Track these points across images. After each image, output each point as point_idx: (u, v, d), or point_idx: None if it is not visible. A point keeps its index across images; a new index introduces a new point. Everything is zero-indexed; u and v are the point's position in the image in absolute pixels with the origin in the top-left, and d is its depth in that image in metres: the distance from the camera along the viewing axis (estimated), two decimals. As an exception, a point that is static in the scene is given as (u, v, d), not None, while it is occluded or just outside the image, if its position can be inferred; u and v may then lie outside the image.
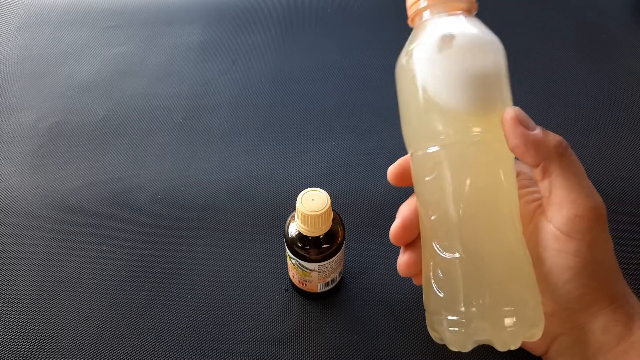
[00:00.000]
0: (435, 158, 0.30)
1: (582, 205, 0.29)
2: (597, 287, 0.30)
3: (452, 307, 0.30)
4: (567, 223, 0.29)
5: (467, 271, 0.30)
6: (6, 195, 0.51)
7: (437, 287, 0.31)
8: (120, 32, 0.70)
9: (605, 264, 0.30)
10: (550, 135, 0.30)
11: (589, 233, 0.29)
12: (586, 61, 0.65)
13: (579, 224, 0.29)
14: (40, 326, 0.42)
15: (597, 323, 0.31)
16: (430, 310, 0.32)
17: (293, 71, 0.65)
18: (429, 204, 0.31)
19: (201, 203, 0.50)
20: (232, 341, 0.41)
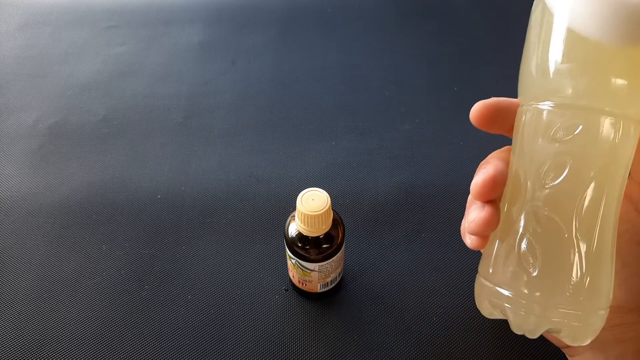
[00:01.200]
0: (569, 119, 0.26)
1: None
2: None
3: (522, 285, 0.27)
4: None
5: (560, 254, 0.26)
6: (6, 195, 0.51)
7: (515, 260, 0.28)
8: (120, 32, 0.70)
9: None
10: None
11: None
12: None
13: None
14: (40, 326, 0.42)
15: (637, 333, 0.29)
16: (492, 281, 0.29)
17: (293, 71, 0.65)
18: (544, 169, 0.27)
19: (201, 203, 0.50)
20: (232, 341, 0.41)
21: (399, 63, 0.65)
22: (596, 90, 0.25)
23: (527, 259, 0.27)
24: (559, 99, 0.26)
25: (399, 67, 0.64)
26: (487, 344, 0.40)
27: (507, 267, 0.28)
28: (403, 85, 0.62)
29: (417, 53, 0.66)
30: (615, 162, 0.26)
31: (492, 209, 0.29)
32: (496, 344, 0.38)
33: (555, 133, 0.26)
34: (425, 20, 0.70)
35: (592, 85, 0.25)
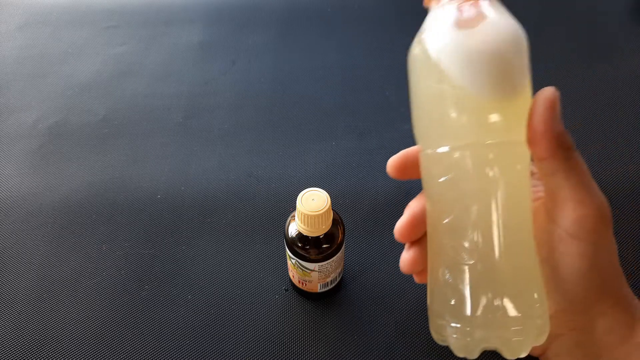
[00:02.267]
0: (451, 159, 0.28)
1: (588, 205, 0.28)
2: (601, 289, 0.30)
3: (458, 313, 0.29)
4: (574, 224, 0.28)
5: (478, 278, 0.29)
6: (6, 195, 0.51)
7: (444, 291, 0.30)
8: (120, 32, 0.70)
9: (610, 265, 0.30)
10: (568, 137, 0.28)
11: (595, 233, 0.28)
12: (586, 61, 0.65)
13: (585, 224, 0.28)
14: (40, 326, 0.42)
15: (600, 324, 0.30)
16: (434, 313, 0.31)
17: (293, 71, 0.65)
18: (443, 206, 0.30)
19: (201, 203, 0.50)
20: (232, 341, 0.41)
21: (399, 63, 0.64)
22: (474, 130, 0.27)
23: (452, 289, 0.29)
24: (445, 143, 0.28)
25: (399, 67, 0.64)
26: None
27: (442, 299, 0.30)
28: (403, 85, 0.62)
29: (417, 53, 0.66)
30: (507, 182, 0.28)
31: (415, 250, 0.33)
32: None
33: (445, 172, 0.29)
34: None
35: (470, 126, 0.27)
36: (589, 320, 0.30)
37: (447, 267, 0.30)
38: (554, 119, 0.28)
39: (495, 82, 0.27)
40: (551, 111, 0.28)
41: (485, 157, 0.28)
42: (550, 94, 0.28)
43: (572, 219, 0.28)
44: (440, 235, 0.30)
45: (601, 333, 0.30)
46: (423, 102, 0.30)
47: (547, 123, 0.28)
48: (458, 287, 0.29)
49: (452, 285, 0.29)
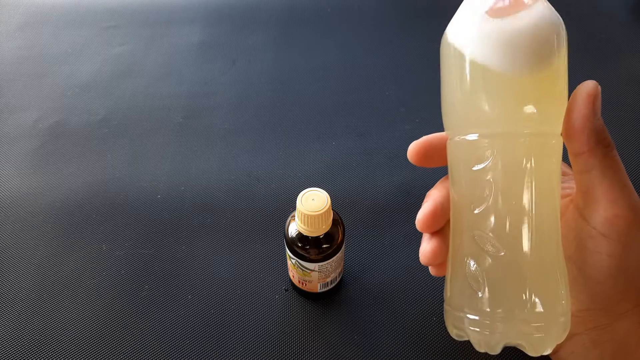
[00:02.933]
0: (486, 147, 0.27)
1: (622, 205, 0.27)
2: (626, 289, 0.29)
3: (480, 306, 0.28)
4: (605, 223, 0.27)
5: (505, 270, 0.28)
6: (6, 195, 0.51)
7: (467, 282, 0.29)
8: (120, 32, 0.70)
9: (638, 266, 0.29)
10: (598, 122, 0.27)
11: (626, 234, 0.27)
12: (586, 61, 0.65)
13: (618, 224, 0.27)
14: (40, 326, 0.42)
15: (621, 324, 0.30)
16: (453, 306, 0.30)
17: (293, 71, 0.65)
18: (473, 196, 0.28)
19: (201, 203, 0.50)
20: (232, 341, 0.41)
21: (399, 63, 0.65)
22: (510, 117, 0.27)
23: (477, 281, 0.28)
24: (480, 130, 0.27)
25: (399, 67, 0.64)
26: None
27: (463, 291, 0.29)
28: (403, 85, 0.62)
29: (417, 53, 0.66)
30: (541, 175, 0.28)
31: (437, 241, 0.32)
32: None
33: (479, 161, 0.28)
34: (425, 20, 0.70)
35: (506, 113, 0.27)
36: (610, 319, 0.30)
37: (473, 258, 0.29)
38: (594, 114, 0.27)
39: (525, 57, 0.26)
40: (592, 105, 0.27)
41: (519, 147, 0.27)
42: (591, 88, 0.27)
43: (604, 217, 0.28)
44: (468, 225, 0.29)
45: (621, 334, 0.30)
46: (453, 88, 0.29)
47: (588, 118, 0.27)
48: (483, 279, 0.28)
49: (476, 276, 0.29)
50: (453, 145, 0.30)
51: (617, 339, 0.30)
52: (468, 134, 0.28)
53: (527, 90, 0.27)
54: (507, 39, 0.26)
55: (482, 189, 0.28)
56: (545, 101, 0.27)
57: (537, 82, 0.27)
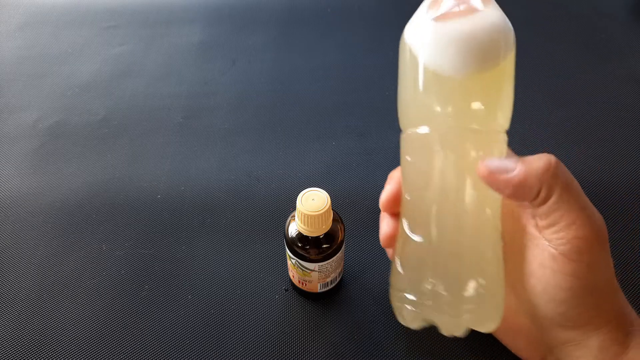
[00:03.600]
0: (422, 139, 0.30)
1: (581, 227, 0.28)
2: (594, 307, 0.30)
3: (412, 287, 0.31)
4: (566, 244, 0.28)
5: (430, 256, 0.30)
6: (6, 195, 0.51)
7: (400, 265, 0.32)
8: (120, 32, 0.70)
9: (604, 285, 0.30)
10: (534, 163, 0.28)
11: (589, 254, 0.28)
12: (586, 61, 0.65)
13: (579, 246, 0.28)
14: (40, 326, 0.42)
15: (594, 341, 0.30)
16: (392, 285, 0.33)
17: (293, 71, 0.65)
18: (406, 183, 0.32)
19: (201, 203, 0.50)
20: (232, 341, 0.41)
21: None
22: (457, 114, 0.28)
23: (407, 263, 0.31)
24: (431, 125, 0.29)
25: (399, 67, 0.64)
26: (488, 343, 0.40)
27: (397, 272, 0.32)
28: (403, 85, 0.62)
29: (417, 53, 0.66)
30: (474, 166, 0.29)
31: (392, 223, 0.34)
32: (496, 344, 0.38)
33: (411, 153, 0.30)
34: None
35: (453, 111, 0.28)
36: (583, 336, 0.30)
37: (405, 242, 0.31)
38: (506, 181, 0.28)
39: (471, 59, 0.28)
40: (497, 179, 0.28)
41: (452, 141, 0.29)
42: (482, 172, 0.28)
43: (565, 240, 0.28)
44: (403, 211, 0.32)
45: (594, 350, 0.30)
46: (407, 85, 0.31)
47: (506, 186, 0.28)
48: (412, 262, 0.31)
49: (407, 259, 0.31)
50: (402, 138, 0.32)
51: (592, 355, 0.30)
52: (413, 127, 0.30)
53: (474, 90, 0.28)
54: (454, 42, 0.28)
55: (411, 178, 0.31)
56: (491, 100, 0.29)
57: (482, 83, 0.28)
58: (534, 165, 0.28)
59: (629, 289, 0.44)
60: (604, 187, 0.51)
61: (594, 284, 0.29)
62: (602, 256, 0.29)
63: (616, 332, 0.30)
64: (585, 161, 0.53)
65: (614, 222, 0.48)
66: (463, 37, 0.27)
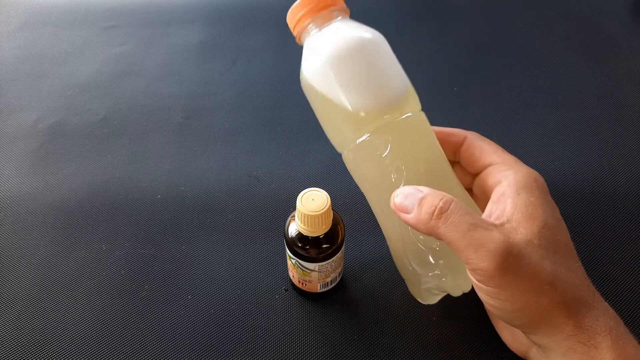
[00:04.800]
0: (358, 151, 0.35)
1: (474, 261, 0.29)
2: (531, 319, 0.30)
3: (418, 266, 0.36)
4: (473, 274, 0.30)
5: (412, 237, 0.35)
6: (6, 195, 0.51)
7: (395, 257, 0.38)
8: (120, 32, 0.70)
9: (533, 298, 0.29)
10: (424, 208, 0.31)
11: (492, 281, 0.29)
12: (586, 61, 0.65)
13: (481, 277, 0.29)
14: (40, 326, 0.42)
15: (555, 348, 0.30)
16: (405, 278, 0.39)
17: (293, 71, 0.64)
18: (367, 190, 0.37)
19: (201, 203, 0.50)
20: (232, 341, 0.41)
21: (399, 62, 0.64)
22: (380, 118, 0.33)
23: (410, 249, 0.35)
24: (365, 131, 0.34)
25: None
26: (487, 344, 0.40)
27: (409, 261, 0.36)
28: (403, 85, 0.62)
29: (417, 53, 0.66)
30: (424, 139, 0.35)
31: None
32: (497, 344, 0.38)
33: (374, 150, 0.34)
34: (425, 20, 0.70)
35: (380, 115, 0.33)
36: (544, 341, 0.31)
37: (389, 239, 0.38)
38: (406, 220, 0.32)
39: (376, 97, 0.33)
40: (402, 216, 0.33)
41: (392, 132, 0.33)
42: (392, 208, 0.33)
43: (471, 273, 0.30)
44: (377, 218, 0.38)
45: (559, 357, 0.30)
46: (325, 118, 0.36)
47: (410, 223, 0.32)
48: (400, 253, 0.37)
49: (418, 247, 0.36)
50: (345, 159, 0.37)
51: (561, 351, 0.30)
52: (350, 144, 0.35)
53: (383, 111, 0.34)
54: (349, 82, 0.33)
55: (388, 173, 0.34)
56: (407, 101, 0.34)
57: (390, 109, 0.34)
58: (422, 211, 0.31)
59: (631, 289, 0.43)
60: (604, 187, 0.51)
61: (515, 301, 0.29)
62: (510, 278, 0.29)
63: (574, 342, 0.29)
64: (585, 161, 0.53)
65: (614, 222, 0.48)
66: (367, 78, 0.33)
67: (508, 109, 0.59)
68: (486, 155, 0.36)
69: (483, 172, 0.36)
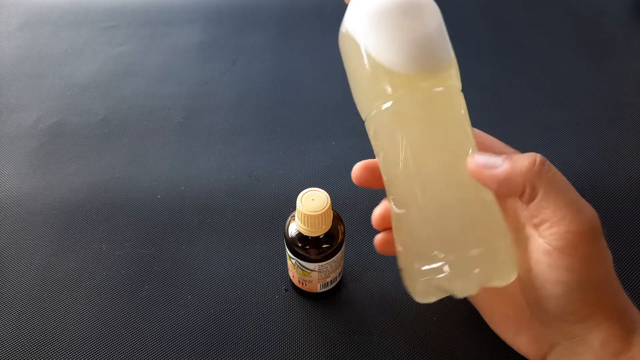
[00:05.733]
0: (386, 114, 0.31)
1: (572, 222, 0.28)
2: (593, 302, 0.30)
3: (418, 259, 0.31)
4: (559, 239, 0.28)
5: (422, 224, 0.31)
6: (6, 195, 0.51)
7: (399, 243, 0.33)
8: (120, 32, 0.70)
9: (601, 278, 0.30)
10: (519, 161, 0.29)
11: (582, 248, 0.28)
12: (586, 61, 0.65)
13: (571, 240, 0.28)
14: (40, 326, 0.42)
15: (595, 337, 0.30)
16: (401, 267, 0.33)
17: (293, 71, 0.65)
18: (383, 164, 0.34)
19: (201, 203, 0.50)
20: (232, 341, 0.41)
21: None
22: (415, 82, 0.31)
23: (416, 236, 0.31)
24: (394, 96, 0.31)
25: (399, 67, 0.64)
26: (488, 343, 0.40)
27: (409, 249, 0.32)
28: (403, 85, 0.62)
29: (417, 53, 0.66)
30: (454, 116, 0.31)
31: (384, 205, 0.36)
32: (497, 344, 0.38)
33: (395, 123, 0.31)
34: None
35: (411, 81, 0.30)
36: (584, 332, 0.30)
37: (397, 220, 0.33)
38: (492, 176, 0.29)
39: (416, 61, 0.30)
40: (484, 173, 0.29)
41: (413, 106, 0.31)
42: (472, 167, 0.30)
43: (557, 235, 0.28)
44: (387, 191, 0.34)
45: (596, 346, 0.30)
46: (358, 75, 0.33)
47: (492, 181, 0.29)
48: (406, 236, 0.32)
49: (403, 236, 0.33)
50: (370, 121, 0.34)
51: (594, 351, 0.30)
52: (374, 108, 0.32)
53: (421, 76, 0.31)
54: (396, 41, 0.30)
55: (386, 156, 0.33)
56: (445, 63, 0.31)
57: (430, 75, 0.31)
58: (519, 163, 0.29)
59: (631, 289, 0.44)
60: (605, 187, 0.51)
61: (590, 278, 0.29)
62: (597, 250, 0.29)
63: (618, 329, 0.30)
64: (585, 161, 0.53)
65: (615, 221, 0.48)
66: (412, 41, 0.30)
67: (508, 109, 0.59)
68: (496, 146, 0.35)
69: None
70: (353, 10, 0.32)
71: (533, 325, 0.33)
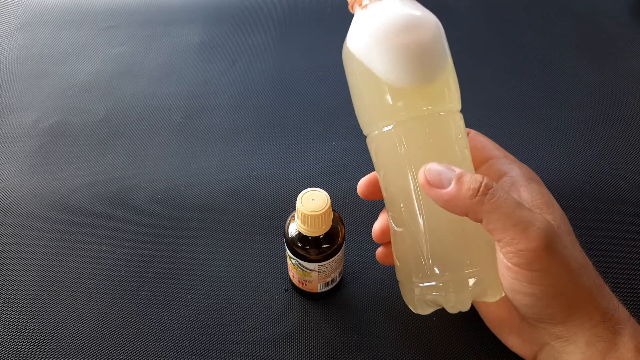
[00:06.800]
0: (387, 137, 0.32)
1: (521, 241, 0.28)
2: (566, 306, 0.30)
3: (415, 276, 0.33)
4: (513, 257, 0.29)
5: (419, 243, 0.32)
6: (6, 195, 0.51)
7: (397, 258, 0.35)
8: (120, 32, 0.70)
9: (568, 283, 0.30)
10: (464, 186, 0.29)
11: (537, 263, 0.28)
12: (586, 61, 0.65)
13: (525, 257, 0.28)
14: (40, 326, 0.42)
15: (580, 337, 0.30)
16: (399, 281, 0.36)
17: (293, 71, 0.65)
18: (382, 181, 0.34)
19: (201, 203, 0.50)
20: (232, 341, 0.41)
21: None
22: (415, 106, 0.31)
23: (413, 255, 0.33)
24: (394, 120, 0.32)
25: (399, 67, 0.64)
26: (487, 343, 0.40)
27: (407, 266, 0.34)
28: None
29: (417, 53, 0.66)
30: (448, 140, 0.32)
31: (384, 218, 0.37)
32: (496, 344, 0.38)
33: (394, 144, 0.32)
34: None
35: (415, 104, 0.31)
36: (568, 332, 0.31)
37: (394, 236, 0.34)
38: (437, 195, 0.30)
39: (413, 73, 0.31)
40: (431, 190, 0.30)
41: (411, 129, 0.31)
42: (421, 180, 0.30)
43: (511, 254, 0.29)
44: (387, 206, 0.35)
45: (582, 346, 0.30)
46: (360, 92, 0.34)
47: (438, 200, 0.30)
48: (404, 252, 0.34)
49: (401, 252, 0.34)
50: (369, 142, 0.35)
51: (580, 351, 0.30)
52: (376, 128, 0.33)
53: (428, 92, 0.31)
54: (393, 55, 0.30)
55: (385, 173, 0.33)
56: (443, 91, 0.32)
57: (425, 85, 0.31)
58: (464, 188, 0.29)
59: (631, 289, 0.43)
60: (605, 187, 0.51)
61: (554, 286, 0.29)
62: (555, 259, 0.29)
63: (602, 329, 0.30)
64: (585, 161, 0.53)
65: (614, 221, 0.48)
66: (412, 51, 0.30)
67: (508, 109, 0.59)
68: (488, 150, 0.37)
69: (485, 164, 0.36)
70: (356, 27, 0.33)
71: (523, 326, 0.34)
